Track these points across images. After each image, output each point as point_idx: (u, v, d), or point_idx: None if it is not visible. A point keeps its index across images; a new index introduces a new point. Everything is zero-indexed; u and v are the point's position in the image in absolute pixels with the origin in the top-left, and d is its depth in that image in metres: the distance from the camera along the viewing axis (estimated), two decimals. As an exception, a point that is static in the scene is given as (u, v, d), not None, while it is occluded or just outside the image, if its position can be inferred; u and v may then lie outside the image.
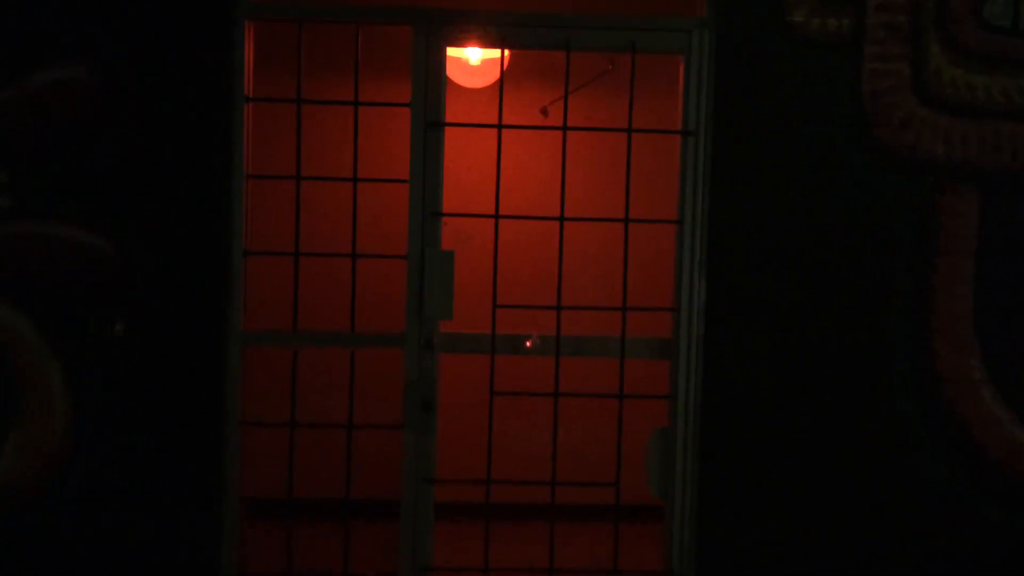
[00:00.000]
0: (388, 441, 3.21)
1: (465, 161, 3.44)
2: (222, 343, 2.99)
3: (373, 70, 3.36)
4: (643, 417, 3.13)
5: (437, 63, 3.03)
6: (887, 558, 3.04)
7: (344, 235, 3.07)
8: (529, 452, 3.35)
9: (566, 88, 3.04)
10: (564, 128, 3.07)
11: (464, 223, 3.14)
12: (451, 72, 3.95)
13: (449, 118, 3.05)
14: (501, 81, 3.14)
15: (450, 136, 3.09)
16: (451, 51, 3.92)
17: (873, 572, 3.05)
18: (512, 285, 3.16)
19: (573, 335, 3.11)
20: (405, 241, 3.04)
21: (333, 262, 3.10)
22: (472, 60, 3.97)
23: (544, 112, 3.71)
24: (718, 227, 3.03)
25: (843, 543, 3.04)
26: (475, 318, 3.10)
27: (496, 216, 3.07)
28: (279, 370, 3.14)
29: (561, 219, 3.07)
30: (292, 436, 3.08)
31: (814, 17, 2.99)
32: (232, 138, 2.99)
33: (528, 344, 3.06)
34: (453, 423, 3.38)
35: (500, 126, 3.07)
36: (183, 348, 2.96)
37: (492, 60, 3.98)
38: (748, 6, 2.99)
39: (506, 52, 3.83)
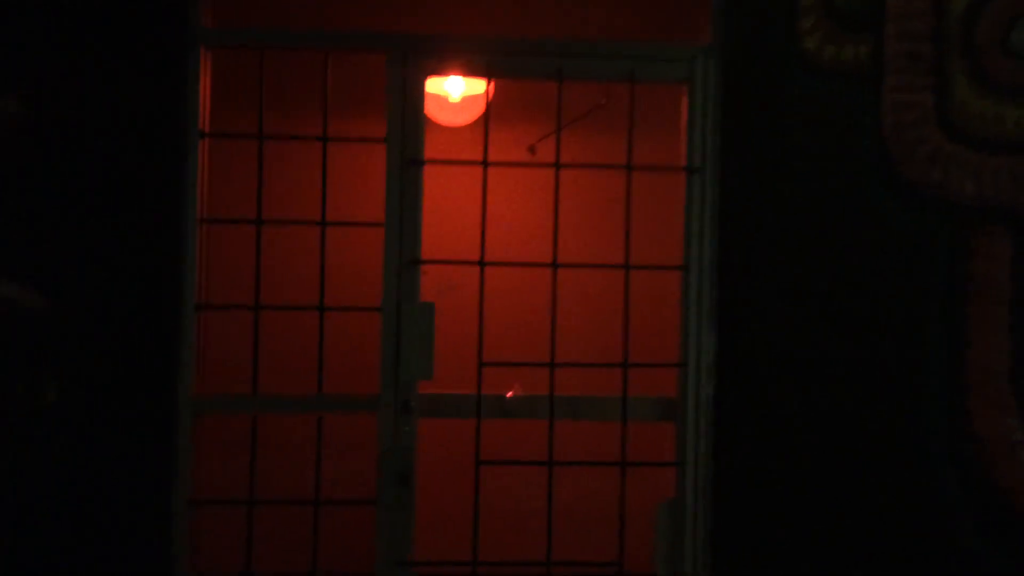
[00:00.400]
0: (361, 515, 2.84)
1: (447, 203, 3.12)
2: (170, 410, 2.63)
3: (350, 105, 3.06)
4: (646, 482, 2.80)
5: (415, 94, 2.73)
6: (924, 643, 2.70)
7: (313, 285, 2.74)
8: (520, 527, 2.98)
9: (558, 121, 2.75)
10: (556, 165, 2.77)
11: (446, 271, 2.82)
12: (431, 110, 3.64)
13: (429, 157, 2.74)
14: (487, 115, 2.84)
15: (430, 177, 2.78)
16: (430, 87, 3.66)
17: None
18: (500, 340, 2.83)
19: (568, 395, 2.78)
20: (380, 292, 2.71)
21: (299, 316, 2.76)
22: (453, 96, 3.67)
23: (531, 150, 3.41)
24: (728, 273, 2.73)
25: (875, 628, 2.70)
26: (458, 377, 2.76)
27: (481, 263, 2.75)
28: (238, 437, 2.78)
29: (554, 265, 2.75)
30: (251, 513, 2.70)
31: (829, 44, 2.73)
32: (185, 178, 2.67)
33: (509, 395, 2.73)
34: (434, 496, 3.02)
35: (485, 163, 2.76)
36: (125, 417, 2.59)
37: (475, 97, 3.68)
38: (757, 32, 2.73)
39: (490, 86, 3.57)
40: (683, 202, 2.78)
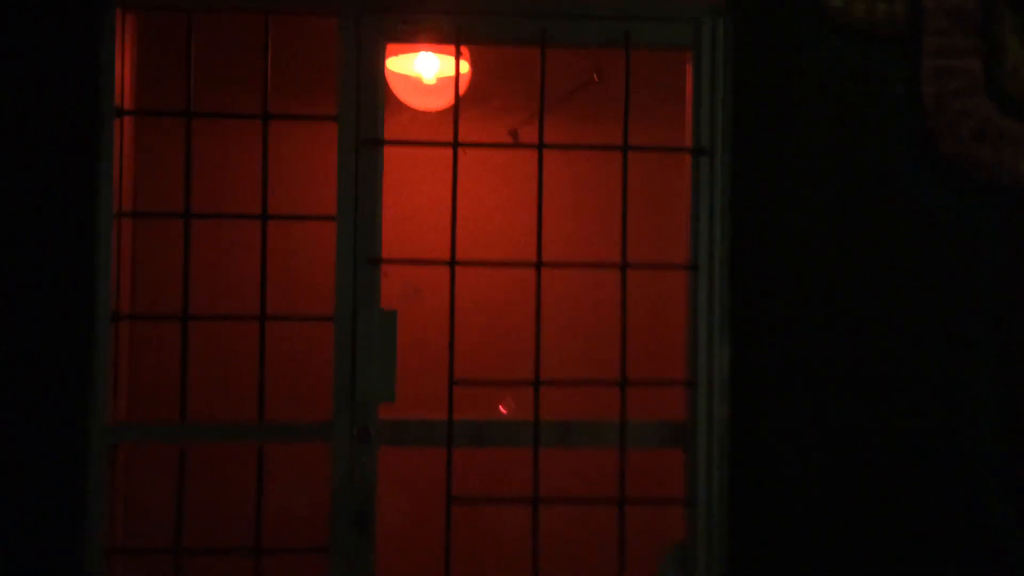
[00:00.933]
0: (310, 564, 2.40)
1: (413, 194, 2.70)
2: (80, 442, 2.19)
3: (302, 80, 2.64)
4: (650, 520, 2.37)
5: (371, 62, 2.31)
6: None
7: (255, 290, 2.31)
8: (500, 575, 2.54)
9: (541, 93, 2.33)
10: (540, 146, 2.34)
11: (410, 273, 2.39)
12: (402, 92, 3.24)
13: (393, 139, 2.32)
14: (456, 89, 2.42)
15: (394, 163, 2.36)
16: (402, 67, 3.24)
17: None
18: (475, 354, 2.39)
19: (556, 419, 2.35)
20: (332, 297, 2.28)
21: (237, 328, 2.33)
22: (426, 77, 3.24)
23: (513, 135, 2.98)
24: (742, 274, 2.31)
25: None
26: (426, 398, 2.32)
27: (452, 263, 2.32)
28: (167, 472, 2.34)
29: (538, 265, 2.33)
30: (178, 564, 2.26)
31: (858, 1, 2.32)
32: (97, 164, 2.24)
33: (503, 409, 2.30)
34: (397, 540, 2.57)
35: (455, 144, 2.34)
36: (25, 450, 2.16)
37: (452, 78, 3.26)
38: (774, -13, 2.32)
39: (465, 64, 3.15)
40: (689, 190, 2.36)
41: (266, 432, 2.28)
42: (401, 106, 3.19)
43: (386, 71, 3.22)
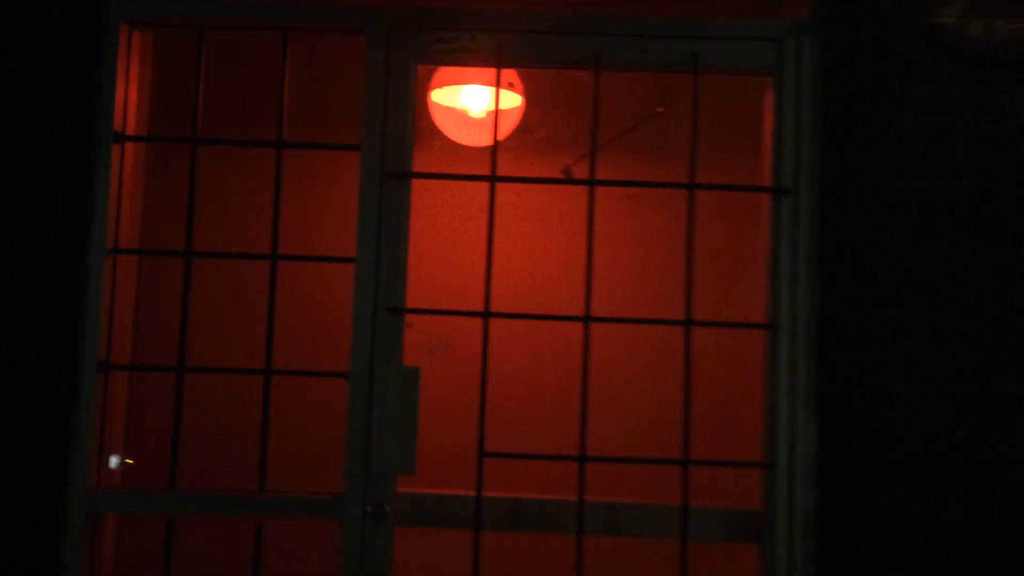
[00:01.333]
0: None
1: (447, 237, 2.40)
2: (56, 511, 1.91)
3: (327, 108, 2.39)
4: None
5: (402, 86, 2.04)
6: None
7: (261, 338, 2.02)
8: None
9: (594, 121, 2.01)
10: (591, 182, 2.02)
11: (439, 325, 2.07)
12: (448, 127, 2.97)
13: (444, 184, 2.03)
14: (496, 117, 2.12)
15: (429, 202, 2.08)
16: (448, 100, 2.97)
17: None
18: (511, 422, 2.06)
19: (604, 500, 1.99)
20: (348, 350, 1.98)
21: (242, 380, 2.04)
22: (473, 111, 2.97)
23: (567, 173, 2.67)
24: (833, 335, 1.94)
25: None
26: (452, 472, 1.99)
27: (486, 314, 1.99)
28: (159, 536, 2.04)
29: (586, 319, 1.99)
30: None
31: (973, 18, 1.96)
32: (92, 194, 1.99)
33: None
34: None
35: (493, 178, 2.03)
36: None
37: (503, 112, 2.98)
38: (871, 2, 1.98)
39: (518, 96, 2.87)
40: (767, 236, 2.01)
41: (265, 506, 1.97)
42: (446, 142, 2.92)
43: (430, 103, 2.98)
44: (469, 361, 1.99)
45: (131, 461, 2.13)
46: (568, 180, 2.22)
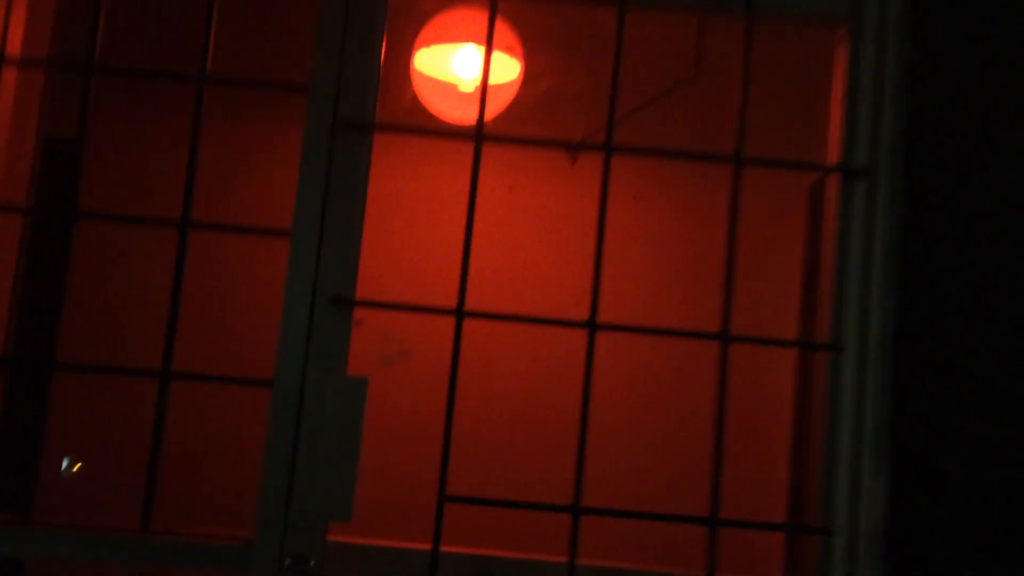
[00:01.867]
0: None
1: (417, 216, 1.93)
2: None
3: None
4: None
5: (368, 13, 1.57)
6: None
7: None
8: None
9: (615, 73, 1.55)
10: (608, 148, 1.55)
11: (397, 323, 1.59)
12: (432, 101, 2.51)
13: (432, 162, 1.56)
14: (487, 63, 1.64)
15: (398, 171, 1.59)
16: (433, 68, 2.52)
17: None
18: (481, 455, 1.57)
19: (603, 565, 1.51)
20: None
21: (135, 386, 1.56)
22: (464, 81, 2.51)
23: (573, 149, 2.19)
24: (914, 360, 1.46)
25: None
26: (401, 519, 1.51)
27: (459, 312, 1.52)
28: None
29: (591, 326, 1.51)
30: None
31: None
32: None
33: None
34: None
35: (479, 136, 1.56)
36: None
37: (498, 86, 2.52)
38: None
39: (517, 64, 2.41)
40: (833, 230, 1.54)
41: (147, 551, 1.48)
42: (431, 116, 2.46)
43: (413, 73, 2.53)
44: (433, 374, 1.51)
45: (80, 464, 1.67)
46: (579, 146, 1.75)
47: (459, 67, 2.47)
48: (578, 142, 1.98)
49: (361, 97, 1.56)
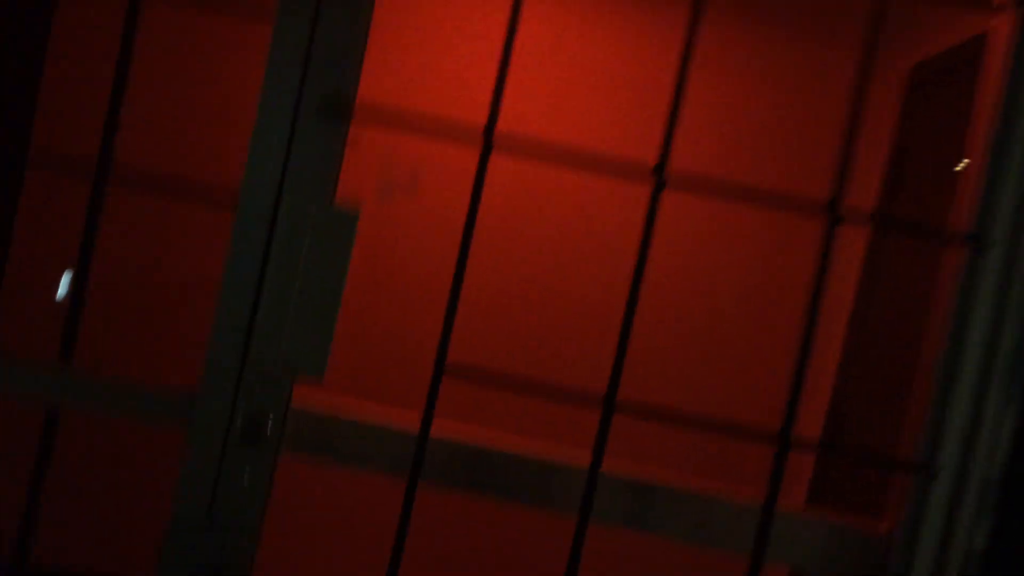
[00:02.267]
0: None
1: (446, 25, 1.56)
2: None
3: None
4: None
5: None
6: None
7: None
8: None
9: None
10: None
11: (402, 147, 1.26)
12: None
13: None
14: None
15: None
16: None
17: None
18: (490, 329, 1.26)
19: (636, 479, 1.21)
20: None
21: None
22: None
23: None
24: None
25: None
26: (387, 390, 1.20)
27: (488, 134, 1.17)
28: None
29: (659, 175, 1.17)
30: None
31: None
32: None
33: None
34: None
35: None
36: None
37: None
38: None
39: None
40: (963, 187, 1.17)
41: (67, 389, 1.19)
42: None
43: None
44: (443, 216, 1.18)
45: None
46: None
47: None
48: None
49: None
